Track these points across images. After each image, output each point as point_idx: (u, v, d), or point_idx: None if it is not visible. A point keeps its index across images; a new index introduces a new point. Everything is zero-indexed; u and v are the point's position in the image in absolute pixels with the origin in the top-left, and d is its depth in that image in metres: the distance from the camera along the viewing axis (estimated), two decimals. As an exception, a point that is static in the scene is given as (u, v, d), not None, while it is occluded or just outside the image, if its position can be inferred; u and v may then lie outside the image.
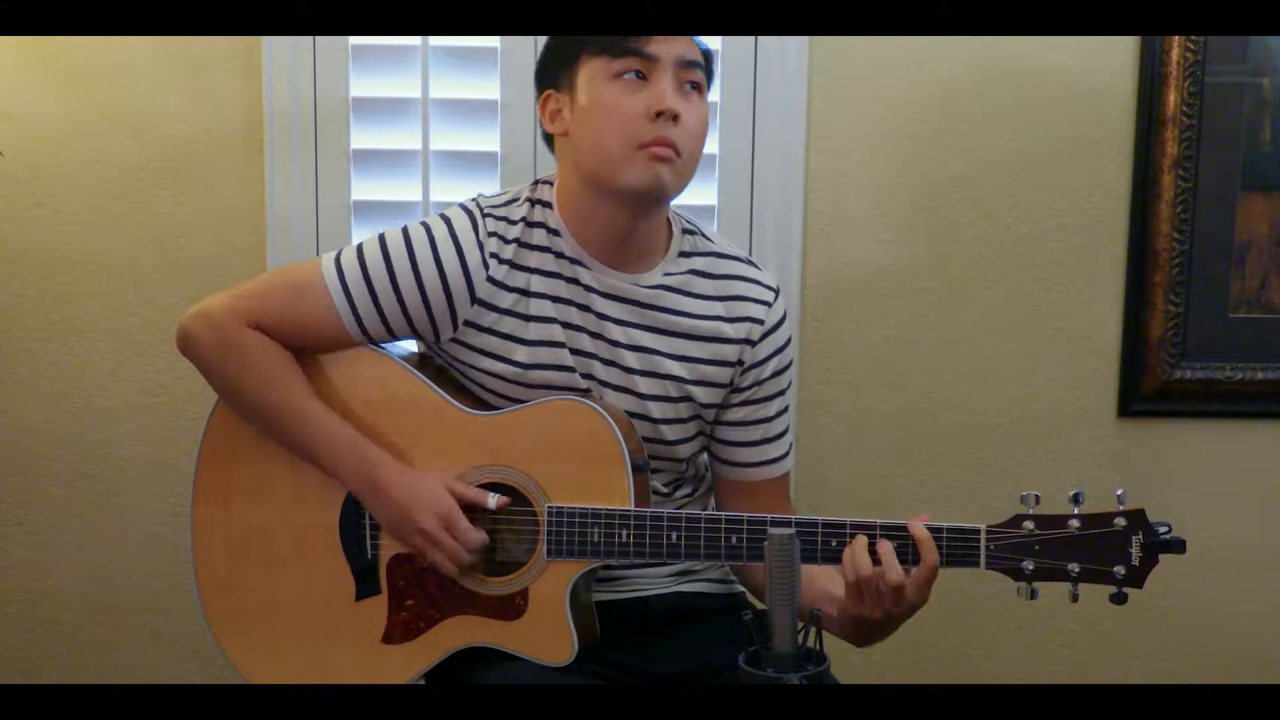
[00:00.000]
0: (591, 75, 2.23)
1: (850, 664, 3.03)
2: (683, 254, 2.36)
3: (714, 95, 2.90)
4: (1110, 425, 3.10)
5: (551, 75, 2.30)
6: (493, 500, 2.21)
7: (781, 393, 2.42)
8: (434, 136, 2.95)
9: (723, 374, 2.35)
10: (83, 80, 2.94)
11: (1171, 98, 2.97)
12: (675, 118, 2.19)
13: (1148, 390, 3.07)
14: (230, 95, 2.96)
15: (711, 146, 2.94)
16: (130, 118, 2.97)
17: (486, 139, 2.96)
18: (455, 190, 2.87)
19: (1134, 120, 3.00)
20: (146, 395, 3.05)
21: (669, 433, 2.34)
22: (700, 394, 2.34)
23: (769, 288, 2.40)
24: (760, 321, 2.37)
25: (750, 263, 2.42)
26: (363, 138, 2.96)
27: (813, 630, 1.84)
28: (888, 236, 3.04)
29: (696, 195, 2.92)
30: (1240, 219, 3.02)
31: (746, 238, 2.98)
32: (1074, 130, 3.01)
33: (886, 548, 2.12)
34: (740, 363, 2.36)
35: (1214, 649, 3.18)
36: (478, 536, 2.20)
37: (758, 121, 2.98)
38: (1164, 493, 3.06)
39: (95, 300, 3.02)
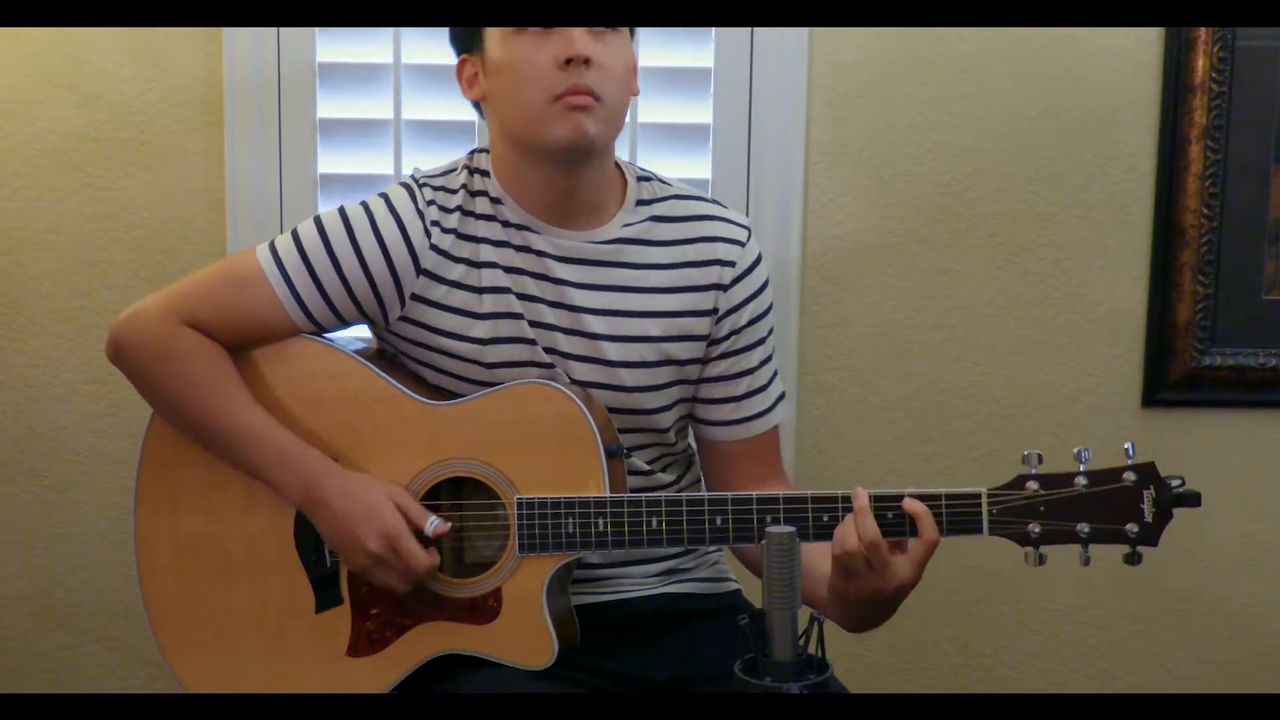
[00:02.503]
0: (496, 31, 2.23)
1: (855, 673, 3.01)
2: (640, 202, 2.35)
3: (708, 61, 2.89)
4: (1134, 415, 3.08)
5: (463, 38, 2.32)
6: (430, 527, 2.19)
7: (762, 340, 2.41)
8: (407, 105, 2.94)
9: (700, 324, 2.34)
10: (27, 44, 2.93)
11: (1200, 63, 2.95)
12: (587, 62, 2.18)
13: (1174, 378, 3.05)
14: (188, 60, 2.95)
15: (704, 115, 2.96)
16: (80, 85, 2.95)
17: (463, 107, 2.86)
18: (430, 162, 2.83)
19: (1160, 87, 2.98)
20: (99, 384, 3.03)
21: (646, 400, 2.33)
22: (679, 350, 2.33)
23: (740, 225, 2.40)
24: (731, 264, 2.36)
25: (716, 202, 2.43)
26: (330, 106, 2.95)
27: (814, 635, 1.81)
28: (895, 212, 3.01)
29: (688, 168, 2.94)
30: (1275, 193, 2.99)
31: (742, 213, 2.93)
32: (1095, 98, 2.99)
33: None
34: (715, 310, 2.35)
35: (1250, 655, 3.17)
36: (425, 561, 2.19)
37: (754, 87, 2.95)
38: (1191, 487, 3.03)
39: (43, 281, 3.01)
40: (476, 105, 2.35)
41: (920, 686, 3.14)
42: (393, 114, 2.92)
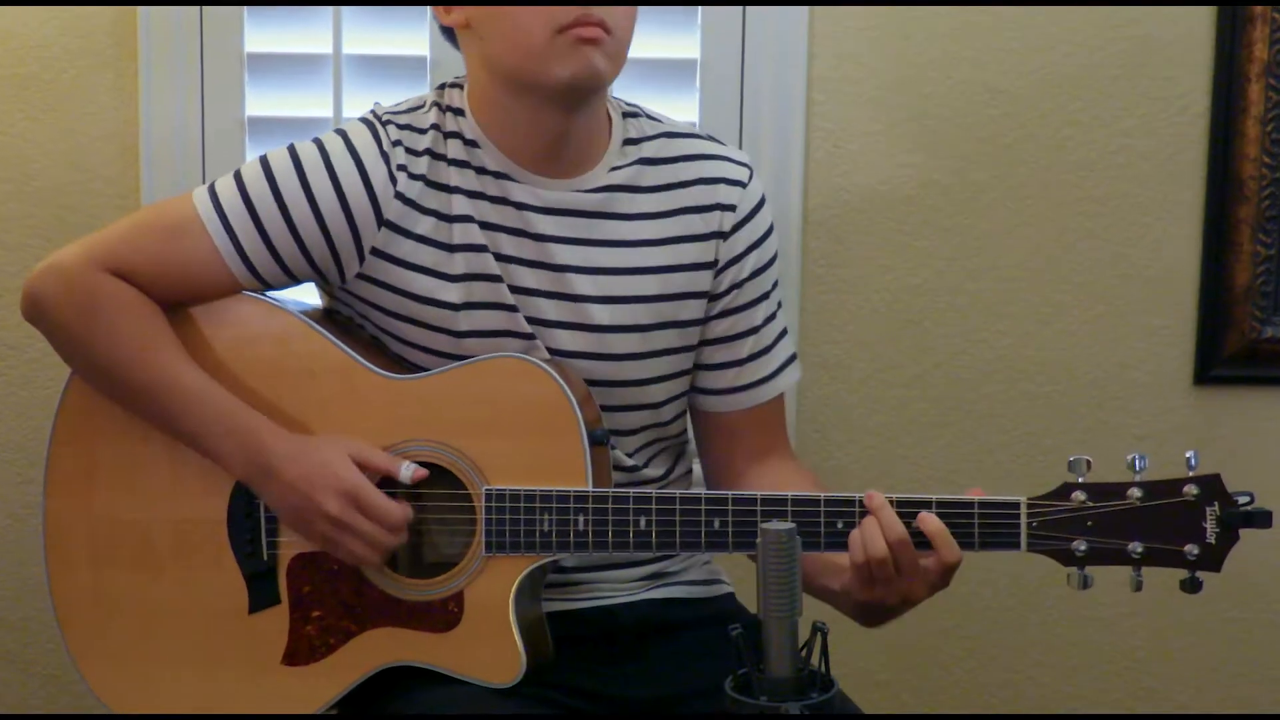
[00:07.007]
0: None
1: (864, 690, 3.02)
2: (628, 141, 2.35)
3: (695, -15, 2.89)
4: (1185, 394, 3.10)
5: None
6: (406, 471, 2.18)
7: (766, 295, 2.41)
8: (348, 37, 2.94)
9: (700, 280, 2.35)
10: (-94, -34, 2.91)
11: (1261, -12, 2.96)
12: None
13: (1231, 351, 3.07)
14: (95, -13, 2.94)
15: (692, 49, 2.96)
16: (-31, 14, 2.93)
17: (413, 40, 2.95)
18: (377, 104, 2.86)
19: (1215, 17, 2.99)
20: (-8, 357, 3.02)
21: (636, 370, 2.33)
22: (679, 310, 2.34)
23: (740, 164, 2.39)
24: (732, 208, 2.36)
25: (711, 138, 2.42)
26: (259, 39, 2.95)
27: (818, 647, 1.82)
28: (910, 160, 3.02)
29: (672, 109, 2.88)
30: (1346, 139, 3.01)
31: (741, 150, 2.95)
32: (1142, 30, 3.00)
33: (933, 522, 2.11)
34: (715, 262, 2.35)
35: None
36: (398, 512, 2.18)
37: (748, 17, 2.96)
38: (1250, 476, 2.96)
39: (-72, 241, 2.99)
40: (449, 33, 2.32)
41: (939, 706, 3.15)
42: (332, 48, 2.92)
